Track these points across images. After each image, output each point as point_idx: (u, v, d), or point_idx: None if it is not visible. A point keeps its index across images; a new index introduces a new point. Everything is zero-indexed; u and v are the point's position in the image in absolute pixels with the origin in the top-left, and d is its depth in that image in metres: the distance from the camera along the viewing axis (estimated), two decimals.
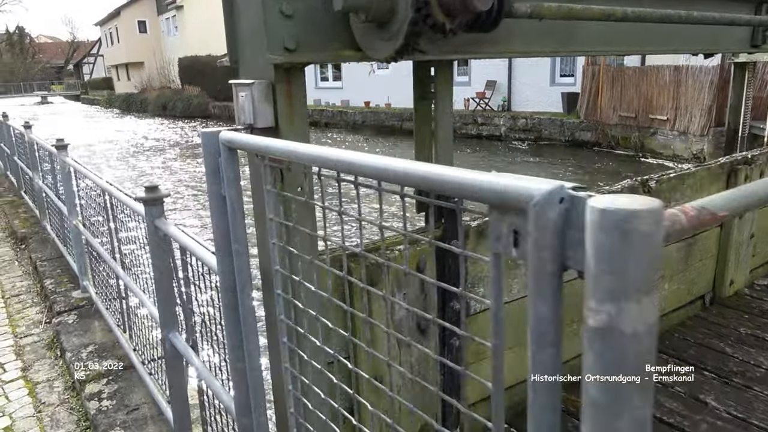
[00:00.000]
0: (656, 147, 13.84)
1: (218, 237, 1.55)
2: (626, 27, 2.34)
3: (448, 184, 0.83)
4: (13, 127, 7.58)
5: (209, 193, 1.53)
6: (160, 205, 2.24)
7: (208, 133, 1.47)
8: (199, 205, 10.91)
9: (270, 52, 1.47)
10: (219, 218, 1.52)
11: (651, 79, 13.86)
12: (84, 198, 4.09)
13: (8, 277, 5.25)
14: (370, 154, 0.98)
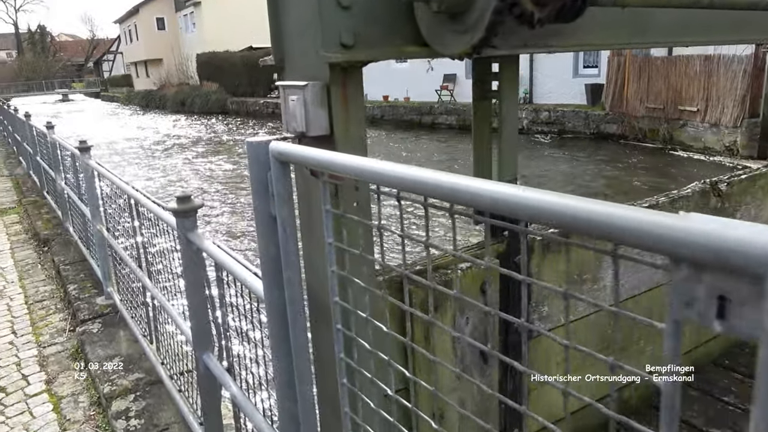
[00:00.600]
0: (686, 139, 13.39)
1: (266, 262, 1.35)
2: (702, 15, 2.10)
3: (596, 223, 0.62)
4: (35, 126, 7.50)
5: (256, 211, 1.34)
6: (193, 217, 2.06)
7: (255, 144, 1.28)
8: (226, 206, 10.80)
9: (325, 49, 1.27)
10: (267, 241, 1.33)
11: (680, 69, 13.40)
12: (108, 202, 3.95)
13: (32, 281, 5.15)
14: (449, 174, 0.79)
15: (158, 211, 2.31)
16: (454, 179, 0.76)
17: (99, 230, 4.07)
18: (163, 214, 2.26)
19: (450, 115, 19.84)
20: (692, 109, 13.08)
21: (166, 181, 13.09)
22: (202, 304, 2.15)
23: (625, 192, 10.29)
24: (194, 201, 2.05)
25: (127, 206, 3.20)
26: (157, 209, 2.33)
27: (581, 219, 0.60)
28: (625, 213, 0.58)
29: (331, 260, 1.22)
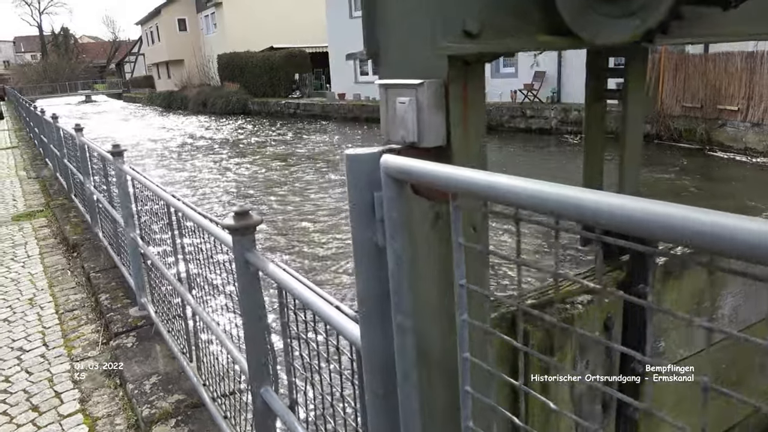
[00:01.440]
0: (725, 140, 12.89)
1: (367, 302, 1.10)
2: None
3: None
4: (63, 129, 7.39)
5: (355, 240, 1.09)
6: (252, 234, 1.82)
7: (359, 157, 1.02)
8: (261, 210, 10.66)
9: (445, 39, 1.01)
10: (369, 276, 1.08)
11: (720, 66, 12.90)
12: (143, 208, 3.74)
13: (62, 288, 4.99)
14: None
15: (210, 227, 2.07)
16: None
17: (133, 239, 3.87)
18: (215, 231, 2.02)
19: None
20: (732, 108, 12.57)
21: (206, 181, 13.01)
22: (261, 333, 1.91)
23: (691, 198, 9.80)
24: (253, 216, 1.81)
25: (166, 215, 2.98)
26: (208, 225, 2.09)
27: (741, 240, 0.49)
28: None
29: (462, 307, 0.96)
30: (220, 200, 11.12)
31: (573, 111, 16.71)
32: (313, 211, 9.97)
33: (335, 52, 28.37)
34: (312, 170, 13.61)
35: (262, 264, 1.75)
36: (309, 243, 8.50)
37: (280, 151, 17.17)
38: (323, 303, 1.44)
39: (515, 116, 18.26)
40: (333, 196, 10.82)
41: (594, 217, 0.63)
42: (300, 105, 27.77)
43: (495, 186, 0.78)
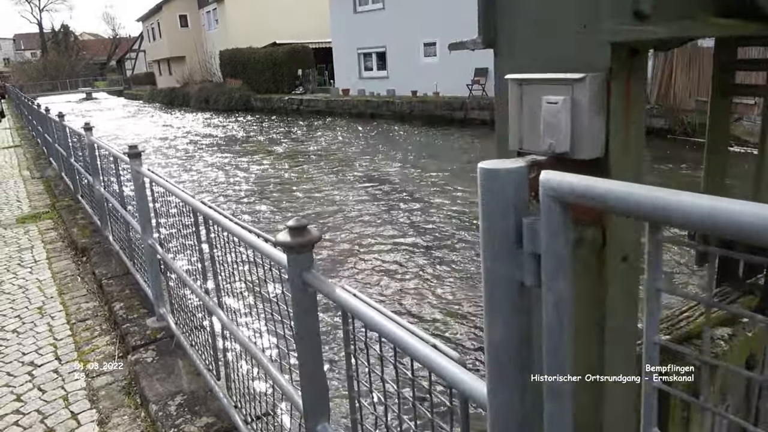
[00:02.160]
0: (741, 134, 12.61)
1: (501, 353, 0.87)
2: None
3: None
4: (70, 127, 7.15)
5: (490, 277, 0.85)
6: (310, 252, 1.59)
7: (499, 173, 0.79)
8: (288, 215, 10.36)
9: (612, 21, 0.78)
10: (507, 320, 0.85)
11: None
12: (161, 212, 3.51)
13: (72, 296, 4.76)
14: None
15: (257, 243, 1.83)
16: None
17: (150, 246, 3.64)
18: (263, 247, 1.79)
19: (483, 110, 19.22)
20: (749, 102, 12.29)
21: (216, 185, 12.73)
22: (319, 364, 1.68)
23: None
24: (311, 231, 1.57)
25: (193, 224, 2.75)
26: (254, 240, 1.85)
27: None
28: None
29: (654, 363, 0.72)
30: (240, 201, 10.59)
31: None
32: (344, 214, 9.31)
33: (339, 47, 28.10)
34: (327, 169, 13.14)
35: (325, 287, 1.52)
36: (359, 254, 7.55)
37: (290, 148, 16.85)
38: (413, 338, 1.21)
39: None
40: (357, 198, 10.28)
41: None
42: (303, 101, 27.50)
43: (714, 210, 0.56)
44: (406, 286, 6.34)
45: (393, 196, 10.13)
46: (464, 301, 5.85)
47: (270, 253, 1.74)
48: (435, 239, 7.76)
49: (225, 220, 2.18)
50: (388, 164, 13.30)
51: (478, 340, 4.93)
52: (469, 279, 6.34)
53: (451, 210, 8.99)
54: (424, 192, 10.34)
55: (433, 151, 15.21)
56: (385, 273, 6.78)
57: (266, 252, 1.75)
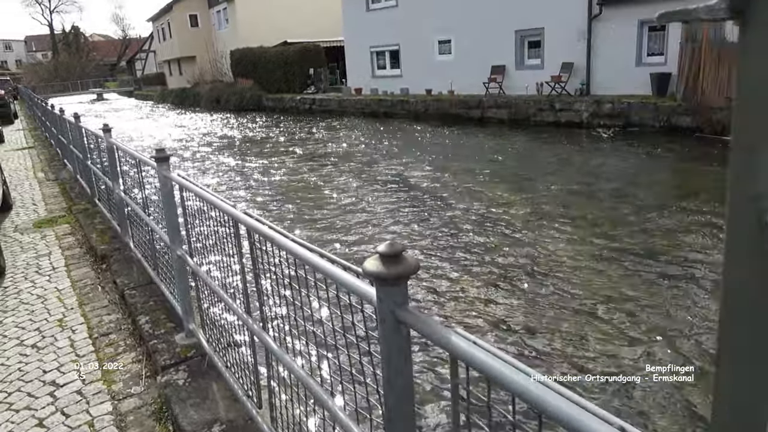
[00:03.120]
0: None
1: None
2: None
3: None
4: (86, 129, 6.91)
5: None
6: (404, 284, 1.29)
7: None
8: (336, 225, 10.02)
9: None
10: None
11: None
12: (191, 220, 3.23)
13: (93, 308, 4.50)
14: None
15: (335, 273, 1.52)
16: None
17: (180, 257, 3.36)
18: (342, 277, 1.48)
19: (500, 108, 18.84)
20: None
21: (246, 184, 12.47)
22: (411, 414, 1.38)
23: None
24: (408, 260, 1.27)
25: (233, 235, 2.46)
26: (329, 268, 1.54)
27: None
28: None
29: None
30: (265, 207, 9.85)
31: (606, 103, 16.03)
32: (378, 224, 8.37)
33: (351, 45, 27.81)
34: (351, 172, 12.49)
35: (427, 327, 1.21)
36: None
37: (309, 150, 16.34)
38: (569, 405, 0.90)
39: (543, 109, 17.61)
40: (389, 206, 9.32)
41: None
42: (316, 100, 27.24)
43: None
44: (496, 313, 5.30)
45: (428, 204, 9.35)
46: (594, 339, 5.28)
47: (349, 284, 1.43)
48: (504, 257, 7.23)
49: (279, 237, 1.89)
50: (414, 166, 12.82)
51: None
52: (539, 296, 5.98)
53: (513, 228, 7.83)
54: (459, 198, 9.63)
55: (460, 152, 14.77)
56: (455, 296, 5.72)
57: (344, 281, 1.45)
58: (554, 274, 6.10)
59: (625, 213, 8.31)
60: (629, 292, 5.57)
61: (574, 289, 5.69)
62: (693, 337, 4.66)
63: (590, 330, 4.86)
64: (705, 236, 7.04)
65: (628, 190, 9.73)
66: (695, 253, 6.48)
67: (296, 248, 1.72)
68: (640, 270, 6.11)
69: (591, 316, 5.12)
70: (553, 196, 9.45)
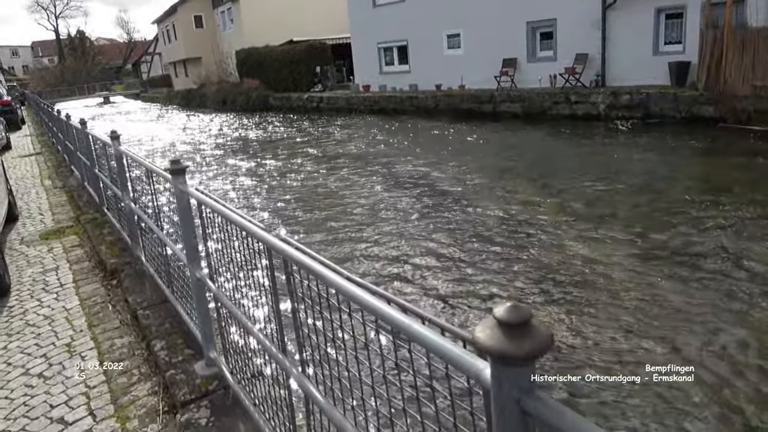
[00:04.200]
0: None
1: None
2: None
3: None
4: (93, 135, 6.60)
5: None
6: (532, 364, 0.92)
7: None
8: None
9: None
10: None
11: None
12: (210, 236, 2.89)
13: (104, 329, 4.17)
14: None
15: (429, 340, 1.15)
16: None
17: (199, 279, 3.01)
18: (435, 342, 1.12)
19: (514, 102, 18.40)
20: None
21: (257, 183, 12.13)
22: None
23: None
24: (539, 331, 0.91)
25: (266, 266, 2.11)
26: (425, 335, 1.17)
27: None
28: None
29: None
30: (285, 216, 9.14)
31: (624, 94, 15.56)
32: (412, 239, 7.42)
33: (358, 42, 27.42)
34: (371, 174, 11.71)
35: (565, 422, 0.85)
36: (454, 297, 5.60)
37: (323, 149, 15.71)
38: None
39: (558, 102, 17.15)
40: (418, 212, 8.62)
41: None
42: (323, 99, 26.87)
43: None
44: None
45: (455, 210, 8.68)
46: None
47: (452, 356, 1.06)
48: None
49: (332, 276, 1.53)
50: (435, 166, 12.27)
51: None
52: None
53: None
54: (491, 201, 9.07)
55: (478, 150, 14.30)
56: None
57: (444, 353, 1.08)
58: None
59: (659, 212, 7.90)
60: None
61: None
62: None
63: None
64: (751, 236, 6.63)
65: (658, 187, 9.28)
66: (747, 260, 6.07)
67: (367, 300, 1.35)
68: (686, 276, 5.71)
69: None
70: (584, 196, 9.00)
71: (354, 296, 1.38)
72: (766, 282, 5.36)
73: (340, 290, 1.48)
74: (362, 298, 1.34)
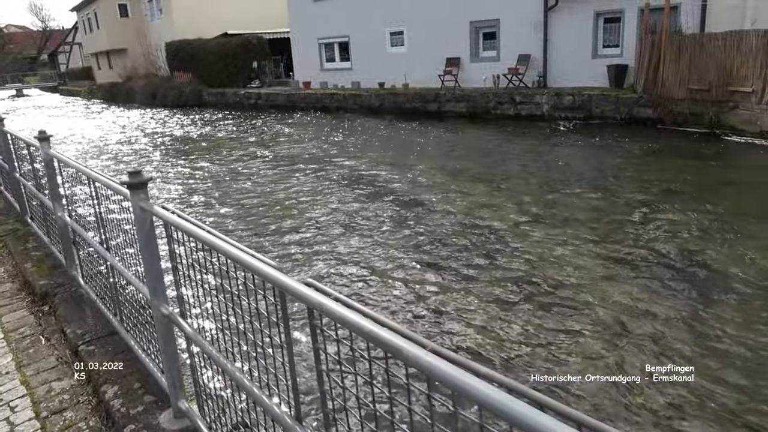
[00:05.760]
0: (737, 123, 12.27)
1: None
2: None
3: None
4: (13, 134, 5.74)
5: None
6: None
7: None
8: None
9: None
10: None
11: (731, 46, 12.22)
12: (180, 261, 2.38)
13: (37, 370, 3.50)
14: None
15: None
16: None
17: (168, 317, 2.48)
18: None
19: (459, 102, 18.37)
20: (746, 90, 11.93)
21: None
22: None
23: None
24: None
25: (278, 309, 1.65)
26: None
27: None
28: None
29: None
30: (230, 221, 8.32)
31: (567, 96, 15.85)
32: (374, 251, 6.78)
33: (298, 37, 26.65)
34: (341, 184, 10.49)
35: None
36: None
37: (282, 151, 14.56)
38: None
39: (503, 102, 17.27)
40: (379, 219, 7.97)
41: None
42: (261, 95, 25.91)
43: None
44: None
45: (408, 211, 8.35)
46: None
47: None
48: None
49: (373, 328, 1.11)
50: (381, 166, 11.89)
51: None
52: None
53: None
54: (441, 202, 8.82)
55: (426, 150, 14.02)
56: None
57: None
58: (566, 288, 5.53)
59: (609, 211, 7.91)
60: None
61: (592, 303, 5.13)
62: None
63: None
64: (697, 233, 6.71)
65: (607, 186, 9.36)
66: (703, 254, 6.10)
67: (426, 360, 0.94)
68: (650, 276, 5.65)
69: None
70: (535, 196, 8.93)
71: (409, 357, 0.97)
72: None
73: (380, 343, 1.07)
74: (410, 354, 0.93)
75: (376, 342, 1.25)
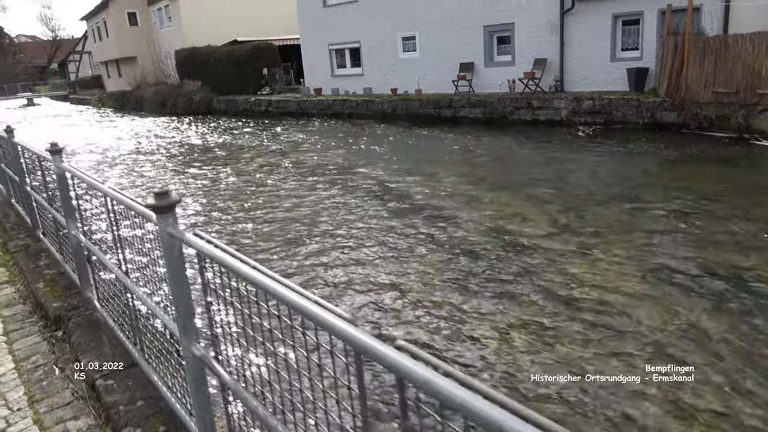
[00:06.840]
0: (767, 127, 11.85)
1: None
2: None
3: None
4: (24, 146, 5.48)
5: None
6: None
7: None
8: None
9: None
10: None
11: (760, 48, 11.82)
12: (217, 297, 2.06)
13: (51, 406, 3.19)
14: None
15: None
16: None
17: (200, 359, 2.16)
18: None
19: (474, 107, 18.02)
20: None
21: None
22: None
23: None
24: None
25: (354, 368, 1.33)
26: None
27: None
28: None
29: None
30: (245, 239, 7.98)
31: (586, 100, 15.46)
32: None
33: (308, 44, 26.44)
34: (368, 198, 9.84)
35: None
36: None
37: (303, 160, 13.92)
38: None
39: (520, 107, 16.90)
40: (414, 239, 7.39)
41: None
42: (272, 102, 25.69)
43: None
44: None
45: (436, 226, 7.99)
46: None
47: None
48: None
49: None
50: (403, 175, 11.50)
51: None
52: None
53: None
54: (467, 215, 8.52)
55: (446, 158, 13.63)
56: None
57: None
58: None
59: (642, 222, 7.53)
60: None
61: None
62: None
63: None
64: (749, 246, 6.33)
65: (637, 195, 8.96)
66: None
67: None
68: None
69: None
70: (564, 207, 8.55)
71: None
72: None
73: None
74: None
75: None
